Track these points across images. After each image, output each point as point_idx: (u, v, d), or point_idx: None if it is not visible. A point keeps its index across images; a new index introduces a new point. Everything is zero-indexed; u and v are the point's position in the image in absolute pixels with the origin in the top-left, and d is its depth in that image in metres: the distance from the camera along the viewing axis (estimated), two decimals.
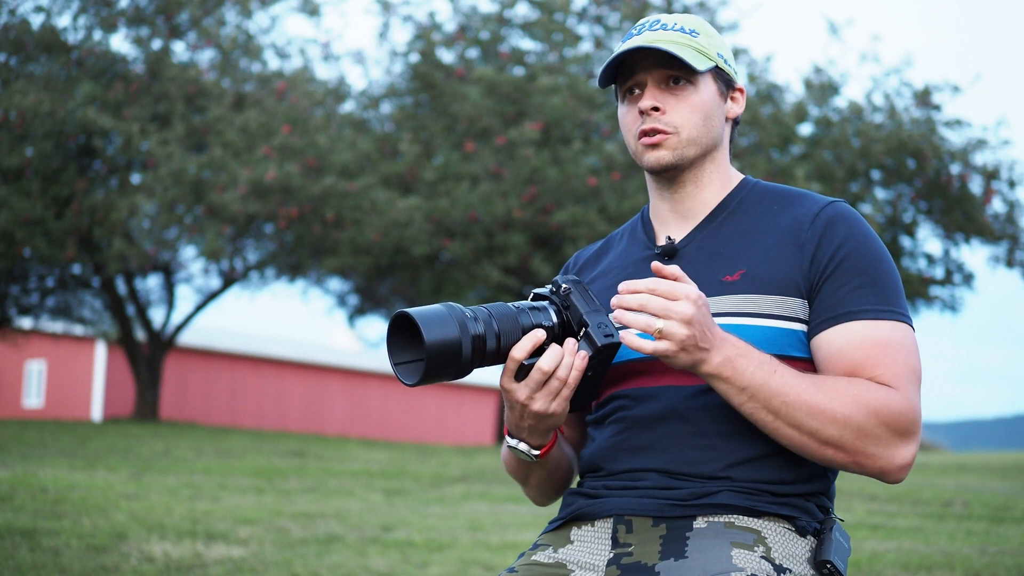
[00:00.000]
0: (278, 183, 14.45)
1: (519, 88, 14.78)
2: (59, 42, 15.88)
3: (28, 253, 16.18)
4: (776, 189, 2.02)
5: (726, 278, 1.89)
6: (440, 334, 1.72)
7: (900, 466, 1.81)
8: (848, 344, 1.83)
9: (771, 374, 1.78)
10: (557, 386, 1.80)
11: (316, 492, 8.75)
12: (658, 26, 1.96)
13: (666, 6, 15.43)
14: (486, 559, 5.79)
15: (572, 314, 1.83)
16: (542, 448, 1.91)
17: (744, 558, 1.78)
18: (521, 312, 1.81)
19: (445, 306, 1.75)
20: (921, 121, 14.96)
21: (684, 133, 1.94)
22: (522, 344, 1.78)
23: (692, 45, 1.94)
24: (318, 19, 17.11)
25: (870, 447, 1.79)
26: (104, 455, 10.98)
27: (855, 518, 7.75)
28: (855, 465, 1.80)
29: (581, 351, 1.81)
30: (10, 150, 15.19)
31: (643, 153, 1.96)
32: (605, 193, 14.17)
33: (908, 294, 15.77)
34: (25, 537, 5.63)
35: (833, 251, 1.88)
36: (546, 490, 2.06)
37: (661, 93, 1.94)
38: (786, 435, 1.79)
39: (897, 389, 1.81)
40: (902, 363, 1.83)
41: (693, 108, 1.94)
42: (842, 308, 1.85)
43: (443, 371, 1.73)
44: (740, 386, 1.77)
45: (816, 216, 1.91)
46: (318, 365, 27.05)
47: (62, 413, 22.83)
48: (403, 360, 1.78)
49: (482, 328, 1.76)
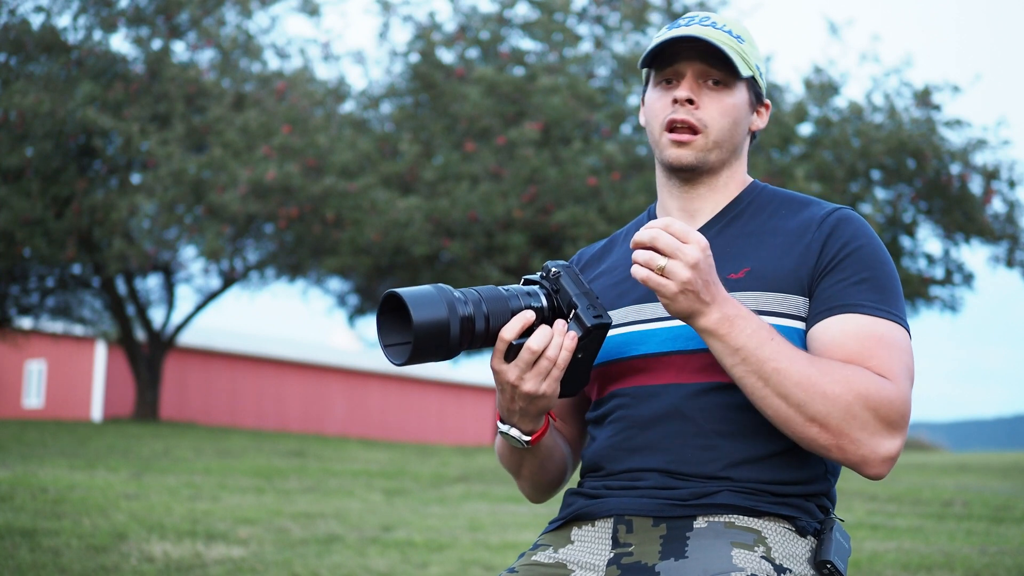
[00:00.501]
0: (278, 183, 14.45)
1: (519, 88, 14.78)
2: (59, 42, 15.88)
3: (28, 253, 16.19)
4: (784, 194, 2.02)
5: (731, 275, 1.89)
6: (428, 314, 1.72)
7: (883, 458, 1.78)
8: (843, 334, 1.83)
9: (767, 340, 1.77)
10: (547, 366, 1.80)
11: (316, 492, 8.75)
12: (708, 22, 1.95)
13: (666, 6, 15.43)
14: (486, 559, 5.79)
15: (562, 297, 1.83)
16: (533, 434, 1.91)
17: (744, 558, 1.78)
18: (511, 295, 1.81)
19: (434, 287, 1.76)
20: (921, 121, 14.96)
21: (712, 134, 1.93)
22: (511, 325, 1.79)
23: (738, 49, 1.93)
24: (318, 19, 17.11)
25: (855, 431, 1.76)
26: (104, 455, 10.98)
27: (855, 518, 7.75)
28: (837, 449, 1.78)
29: (570, 331, 1.81)
30: (10, 150, 15.19)
31: (667, 147, 1.95)
32: (605, 193, 14.16)
33: (908, 294, 15.76)
34: (25, 537, 5.63)
35: (838, 248, 1.88)
36: (539, 483, 2.05)
37: (699, 88, 1.94)
38: (773, 406, 1.78)
39: (892, 380, 1.80)
40: (897, 359, 1.82)
41: (725, 111, 1.93)
42: (841, 300, 1.85)
43: (431, 351, 1.74)
44: (735, 346, 1.76)
45: (824, 219, 1.92)
46: (318, 365, 27.05)
47: (62, 413, 22.83)
48: (392, 342, 1.78)
49: (471, 309, 1.76)
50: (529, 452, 1.96)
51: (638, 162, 14.32)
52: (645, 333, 1.93)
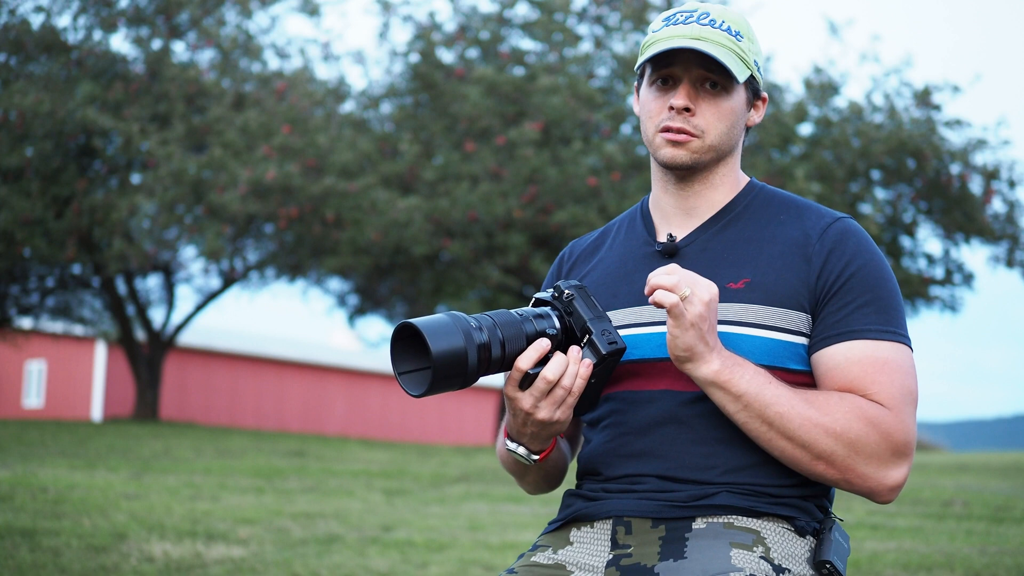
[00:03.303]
0: (278, 183, 14.45)
1: (519, 88, 14.78)
2: (59, 42, 15.88)
3: (28, 253, 16.19)
4: (783, 196, 2.00)
5: (730, 285, 1.89)
6: (446, 344, 1.71)
7: (890, 487, 1.82)
8: (847, 361, 1.84)
9: (766, 384, 1.79)
10: (562, 395, 1.80)
11: (316, 492, 8.75)
12: (707, 20, 1.91)
13: (666, 6, 15.42)
14: (486, 559, 5.79)
15: (575, 320, 1.83)
16: (541, 453, 1.91)
17: (743, 558, 1.78)
18: (525, 320, 1.80)
19: (449, 315, 1.75)
20: (921, 121, 14.95)
21: (708, 139, 1.92)
22: (527, 354, 1.78)
23: (735, 50, 1.90)
24: (318, 19, 17.10)
25: (860, 465, 1.80)
26: (104, 455, 10.98)
27: (855, 518, 7.74)
28: (845, 483, 1.82)
29: (585, 359, 1.81)
30: (10, 150, 15.19)
31: (661, 146, 1.93)
32: (605, 193, 14.16)
33: (908, 294, 15.75)
34: (25, 537, 5.63)
35: (841, 268, 1.87)
36: (541, 485, 2.07)
37: (696, 93, 1.91)
38: (779, 447, 1.80)
39: (891, 409, 1.81)
40: (898, 384, 1.83)
41: (722, 115, 1.92)
42: (845, 327, 1.85)
43: (450, 381, 1.74)
44: (736, 393, 1.78)
45: (825, 231, 1.91)
46: (318, 365, 27.04)
47: (62, 413, 22.82)
48: (407, 369, 1.77)
49: (486, 336, 1.76)
50: (537, 465, 1.96)
51: (638, 162, 14.31)
52: (640, 337, 1.92)
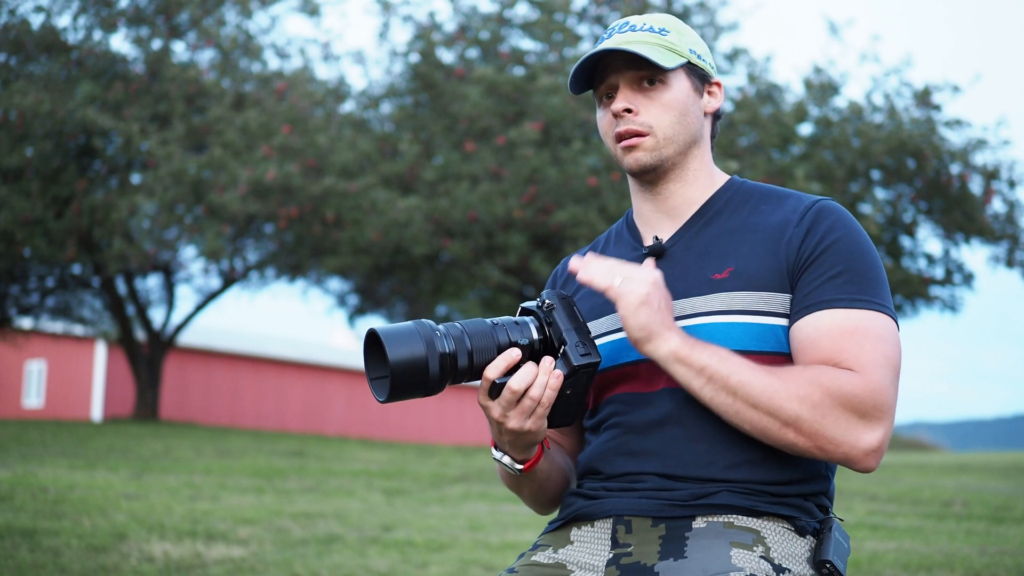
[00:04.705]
0: (278, 183, 14.45)
1: (519, 88, 14.78)
2: (59, 42, 15.89)
3: (28, 253, 16.19)
4: (763, 188, 2.01)
5: (715, 276, 1.89)
6: (405, 352, 1.72)
7: (865, 451, 1.78)
8: (817, 332, 1.82)
9: (727, 357, 1.80)
10: (530, 405, 1.80)
11: (316, 492, 8.75)
12: (627, 28, 1.97)
13: (666, 6, 15.43)
14: (486, 559, 5.79)
15: (554, 331, 1.83)
16: (526, 463, 1.92)
17: (743, 558, 1.78)
18: (498, 328, 1.80)
19: (415, 323, 1.75)
20: (921, 121, 14.96)
21: (660, 132, 1.94)
22: (496, 364, 1.79)
23: (661, 44, 1.94)
24: (318, 19, 17.11)
25: (829, 429, 1.77)
26: (104, 455, 10.98)
27: (855, 518, 7.75)
28: (818, 450, 1.78)
29: (556, 370, 1.80)
30: (10, 150, 15.20)
31: (623, 156, 1.96)
32: (605, 193, 14.16)
33: (908, 294, 15.76)
34: (25, 537, 5.64)
35: (816, 242, 1.87)
36: (540, 500, 2.06)
37: (634, 94, 1.95)
38: (747, 418, 1.79)
39: (858, 372, 1.78)
40: (869, 349, 1.80)
41: (666, 106, 1.94)
42: (815, 297, 1.84)
43: (410, 388, 1.74)
44: (699, 366, 1.79)
45: (805, 212, 1.91)
46: (318, 365, 27.05)
47: (62, 413, 22.83)
48: (376, 375, 1.79)
49: (452, 346, 1.76)
50: (526, 478, 1.97)
51: None
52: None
